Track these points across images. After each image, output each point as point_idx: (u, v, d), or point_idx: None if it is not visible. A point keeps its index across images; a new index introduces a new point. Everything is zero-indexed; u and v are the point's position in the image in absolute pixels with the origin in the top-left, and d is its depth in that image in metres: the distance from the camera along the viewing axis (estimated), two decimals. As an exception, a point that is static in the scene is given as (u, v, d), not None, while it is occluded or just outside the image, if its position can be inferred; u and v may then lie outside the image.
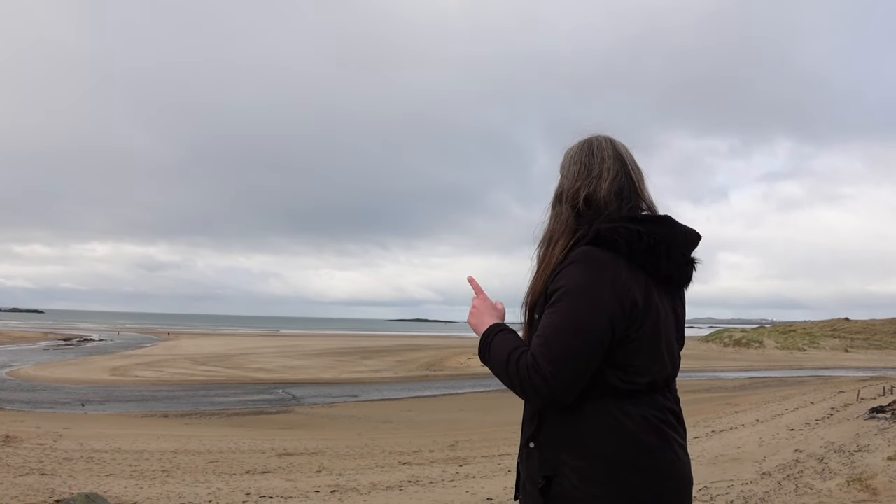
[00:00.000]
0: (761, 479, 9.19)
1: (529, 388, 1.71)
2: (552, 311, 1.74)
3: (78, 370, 37.25)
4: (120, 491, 9.71)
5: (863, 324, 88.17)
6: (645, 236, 1.79)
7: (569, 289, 1.74)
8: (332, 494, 9.89)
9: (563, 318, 1.71)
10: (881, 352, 71.92)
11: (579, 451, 1.75)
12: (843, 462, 9.67)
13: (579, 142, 2.04)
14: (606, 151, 1.97)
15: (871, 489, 7.06)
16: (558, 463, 1.77)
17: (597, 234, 1.79)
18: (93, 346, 63.30)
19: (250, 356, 51.62)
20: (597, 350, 1.71)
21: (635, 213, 1.90)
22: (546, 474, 1.78)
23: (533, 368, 1.70)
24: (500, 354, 1.81)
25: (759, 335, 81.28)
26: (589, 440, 1.75)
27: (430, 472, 12.03)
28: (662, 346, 1.83)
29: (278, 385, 33.68)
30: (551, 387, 1.68)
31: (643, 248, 1.78)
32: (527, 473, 1.86)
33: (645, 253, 1.79)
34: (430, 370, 44.65)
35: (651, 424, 1.77)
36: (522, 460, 1.91)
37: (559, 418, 1.78)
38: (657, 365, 1.81)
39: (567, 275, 1.77)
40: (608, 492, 1.71)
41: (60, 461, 12.41)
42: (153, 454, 13.86)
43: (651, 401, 1.80)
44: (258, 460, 13.56)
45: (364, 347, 67.25)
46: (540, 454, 1.81)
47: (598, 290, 1.72)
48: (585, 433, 1.75)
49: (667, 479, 1.76)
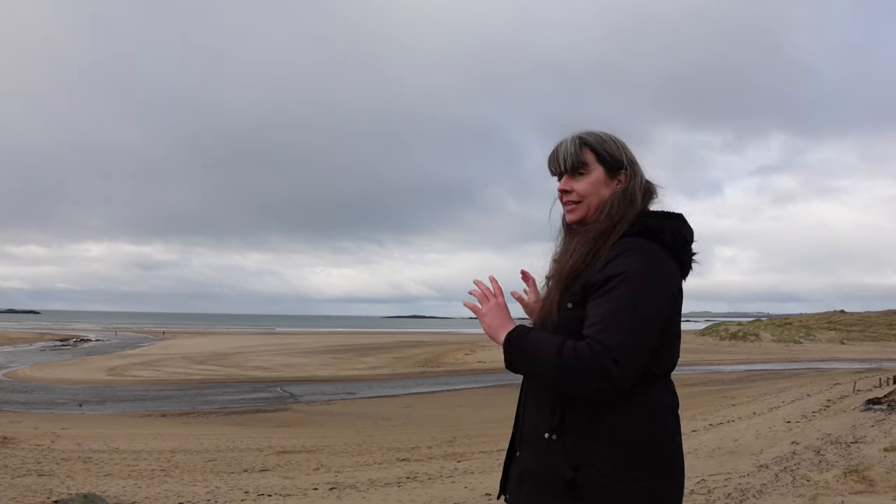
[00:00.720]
0: (758, 471, 9.22)
1: (596, 372, 1.66)
2: (611, 298, 1.73)
3: (75, 370, 37.19)
4: (118, 491, 9.71)
5: (858, 316, 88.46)
6: (683, 231, 1.89)
7: (629, 277, 1.74)
8: (331, 492, 9.90)
9: (626, 306, 1.72)
10: (877, 344, 72.15)
11: (608, 438, 1.76)
12: (840, 454, 9.71)
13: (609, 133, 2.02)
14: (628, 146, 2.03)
15: (868, 480, 7.08)
16: (585, 452, 1.76)
17: (646, 227, 1.84)
18: (90, 346, 63.17)
19: (247, 354, 51.59)
20: (655, 337, 1.75)
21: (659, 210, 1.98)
22: (574, 465, 1.76)
23: (603, 351, 1.66)
24: (544, 348, 1.76)
25: (756, 328, 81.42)
26: (618, 427, 1.76)
27: (429, 469, 12.04)
28: (680, 335, 1.94)
29: (276, 383, 33.65)
30: (622, 372, 1.66)
31: (681, 242, 1.87)
32: (544, 466, 1.83)
33: (682, 248, 1.88)
34: (428, 366, 44.68)
35: (671, 408, 1.86)
36: (533, 453, 1.88)
37: (584, 406, 1.77)
38: (678, 352, 1.90)
39: (623, 263, 1.77)
40: (638, 476, 1.75)
41: (58, 461, 12.40)
42: (151, 454, 13.85)
43: (668, 385, 1.89)
44: (256, 458, 13.56)
45: (361, 344, 67.25)
46: (563, 445, 1.79)
47: (655, 279, 1.78)
48: (615, 420, 1.76)
49: (681, 458, 1.88)
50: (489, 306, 1.96)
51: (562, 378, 1.72)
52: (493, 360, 45.09)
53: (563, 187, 2.01)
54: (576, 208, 1.99)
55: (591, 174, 1.96)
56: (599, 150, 1.97)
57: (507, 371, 1.88)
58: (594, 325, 1.71)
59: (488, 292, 1.99)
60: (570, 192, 1.99)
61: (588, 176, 1.96)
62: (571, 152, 1.97)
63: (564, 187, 2.00)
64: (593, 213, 1.97)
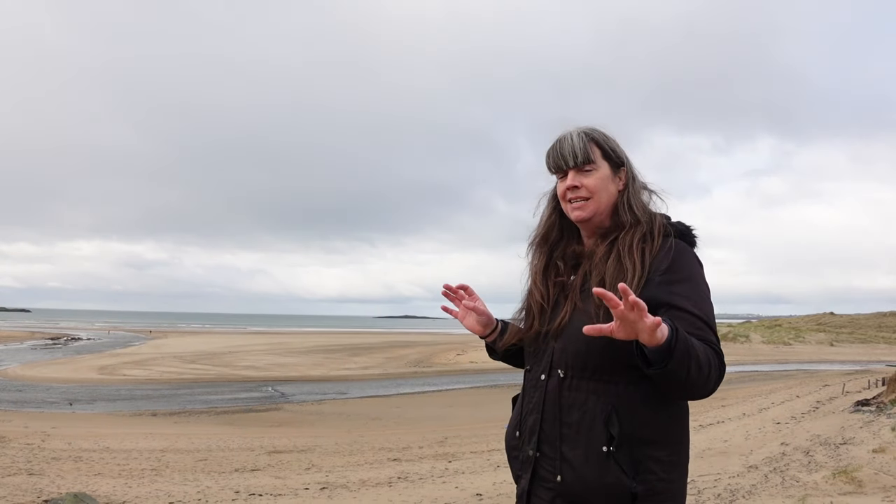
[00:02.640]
0: (748, 472, 9.27)
1: (719, 379, 1.68)
2: (699, 300, 1.75)
3: (66, 369, 37.01)
4: (108, 490, 9.68)
5: (848, 318, 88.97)
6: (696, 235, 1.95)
7: (697, 279, 1.80)
8: (322, 492, 9.90)
9: (709, 308, 1.76)
10: (866, 346, 72.52)
11: (659, 440, 1.75)
12: (829, 455, 9.76)
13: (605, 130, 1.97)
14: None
15: (857, 481, 7.13)
16: (643, 459, 1.72)
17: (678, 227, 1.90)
18: (80, 344, 62.85)
19: (239, 354, 51.45)
20: None
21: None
22: (634, 476, 1.70)
23: (721, 358, 1.69)
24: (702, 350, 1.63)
25: (745, 330, 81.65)
26: (670, 428, 1.79)
27: (420, 469, 12.05)
28: None
29: (267, 382, 33.58)
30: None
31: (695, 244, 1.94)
32: (603, 482, 1.70)
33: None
34: (419, 366, 44.65)
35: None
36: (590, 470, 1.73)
37: (636, 412, 1.73)
38: None
39: (687, 265, 1.80)
40: (681, 474, 1.80)
41: (48, 461, 12.35)
42: (142, 453, 13.81)
43: None
44: (247, 458, 13.53)
45: (353, 344, 67.15)
46: (623, 456, 1.71)
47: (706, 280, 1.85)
48: (667, 422, 1.78)
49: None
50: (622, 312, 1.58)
51: (705, 385, 1.63)
52: (485, 361, 44.95)
53: (572, 183, 1.90)
54: (585, 205, 1.90)
55: (598, 170, 1.90)
56: (605, 147, 1.92)
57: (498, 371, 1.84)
58: (700, 329, 1.69)
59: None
60: (580, 189, 1.89)
61: (596, 172, 1.89)
62: (580, 147, 1.89)
63: (574, 183, 1.89)
64: (603, 210, 1.91)
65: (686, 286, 1.73)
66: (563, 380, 1.81)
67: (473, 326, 2.12)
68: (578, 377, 1.78)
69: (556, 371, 1.83)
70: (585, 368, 1.77)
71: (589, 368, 1.76)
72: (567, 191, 1.92)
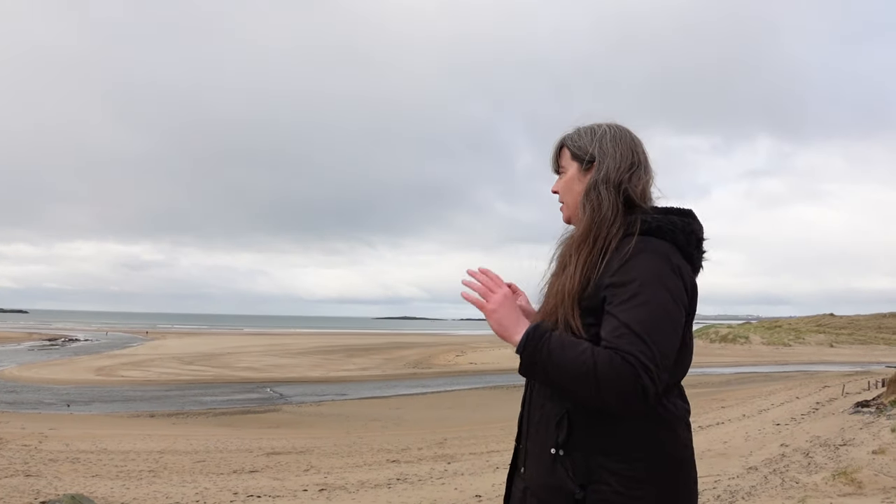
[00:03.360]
0: (748, 473, 9.26)
1: (633, 391, 1.52)
2: (633, 305, 1.59)
3: (63, 370, 37.01)
4: (106, 492, 9.66)
5: (847, 319, 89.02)
6: (695, 229, 1.77)
7: (646, 280, 1.62)
8: (321, 493, 9.88)
9: (650, 311, 1.59)
10: (866, 347, 72.62)
11: (619, 453, 1.64)
12: (829, 456, 9.75)
13: (612, 124, 1.89)
14: (639, 141, 1.88)
15: (857, 483, 7.12)
16: (595, 468, 1.64)
17: (656, 224, 1.71)
18: (78, 345, 62.89)
19: (237, 355, 51.45)
20: (679, 342, 1.65)
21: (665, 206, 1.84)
22: (582, 482, 1.64)
23: (641, 369, 1.52)
24: (573, 357, 1.59)
25: (746, 331, 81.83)
26: (630, 441, 1.65)
27: (419, 470, 12.03)
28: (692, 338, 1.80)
29: (266, 384, 33.58)
30: (657, 389, 1.54)
31: (694, 240, 1.76)
32: (549, 484, 1.70)
33: (694, 246, 1.76)
34: (418, 368, 44.66)
35: (685, 418, 1.75)
36: (537, 470, 1.75)
37: (593, 420, 1.66)
38: (691, 357, 1.79)
39: (639, 266, 1.64)
40: (653, 493, 1.64)
41: (46, 462, 12.32)
42: (140, 454, 13.79)
43: (681, 393, 1.79)
44: (246, 459, 13.51)
45: (351, 345, 67.20)
46: (572, 461, 1.66)
47: (672, 279, 1.64)
48: (627, 433, 1.65)
49: (693, 469, 1.74)
50: (496, 299, 1.76)
51: (591, 392, 1.57)
52: (484, 362, 45.13)
53: (553, 188, 1.95)
54: (563, 208, 1.92)
55: (567, 172, 1.89)
56: (571, 147, 1.88)
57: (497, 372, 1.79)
58: (622, 335, 1.56)
59: (491, 283, 1.79)
60: (556, 193, 1.93)
61: (565, 175, 1.90)
62: (553, 153, 1.94)
63: (553, 188, 1.94)
64: (573, 212, 1.87)
65: (625, 289, 1.62)
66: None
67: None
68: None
69: None
70: None
71: None
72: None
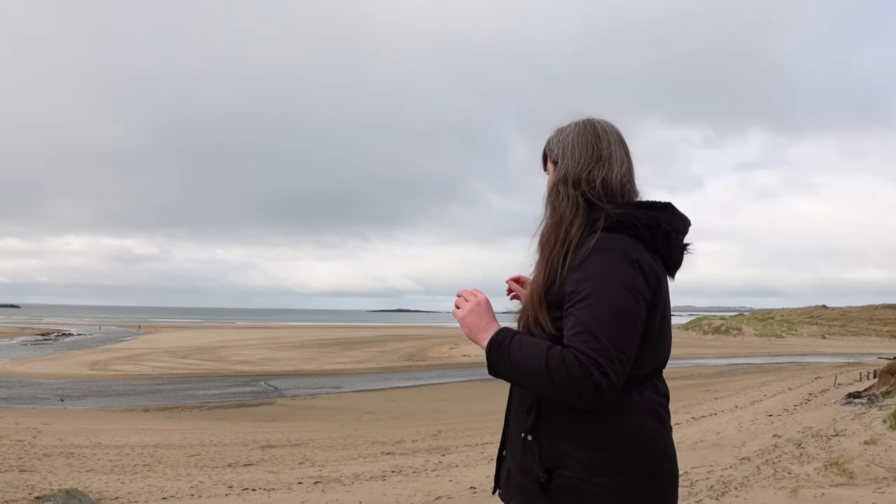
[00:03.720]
0: (740, 463, 9.31)
1: (587, 387, 1.57)
2: (589, 303, 1.64)
3: (56, 365, 36.91)
4: (101, 486, 9.65)
5: (840, 311, 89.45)
6: (663, 223, 1.77)
7: (601, 276, 1.66)
8: (315, 486, 9.89)
9: (604, 308, 1.62)
10: (858, 338, 73.01)
11: (583, 441, 1.70)
12: (821, 447, 9.81)
13: (580, 122, 1.93)
14: (612, 135, 1.90)
15: (849, 473, 7.16)
16: (560, 454, 1.71)
17: (617, 219, 1.73)
18: (71, 340, 62.70)
19: (231, 349, 51.39)
20: (638, 340, 1.67)
21: (640, 200, 1.86)
22: (548, 467, 1.71)
23: (591, 365, 1.57)
24: (530, 357, 1.66)
25: (738, 322, 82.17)
26: (594, 430, 1.70)
27: (413, 462, 12.06)
28: (668, 332, 1.82)
29: (260, 377, 33.58)
30: (612, 383, 1.58)
31: (661, 234, 1.76)
32: (521, 467, 1.78)
33: (663, 239, 1.77)
34: (413, 360, 44.71)
35: (654, 410, 1.76)
36: (513, 453, 1.84)
37: (560, 409, 1.72)
38: (664, 350, 1.81)
39: (595, 263, 1.68)
40: (614, 481, 1.68)
41: (40, 457, 12.31)
42: (134, 449, 13.78)
43: (652, 385, 1.79)
44: (240, 453, 13.52)
45: (346, 338, 67.18)
46: (539, 446, 1.74)
47: (630, 275, 1.66)
48: (590, 423, 1.70)
49: (665, 462, 1.77)
50: (469, 306, 1.85)
51: (550, 390, 1.63)
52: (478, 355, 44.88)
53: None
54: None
55: (549, 173, 1.96)
56: (546, 149, 1.97)
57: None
58: (578, 333, 1.62)
59: (467, 293, 1.90)
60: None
61: (548, 176, 1.96)
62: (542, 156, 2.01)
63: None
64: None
65: (580, 287, 1.67)
66: None
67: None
68: None
69: None
70: None
71: None
72: None
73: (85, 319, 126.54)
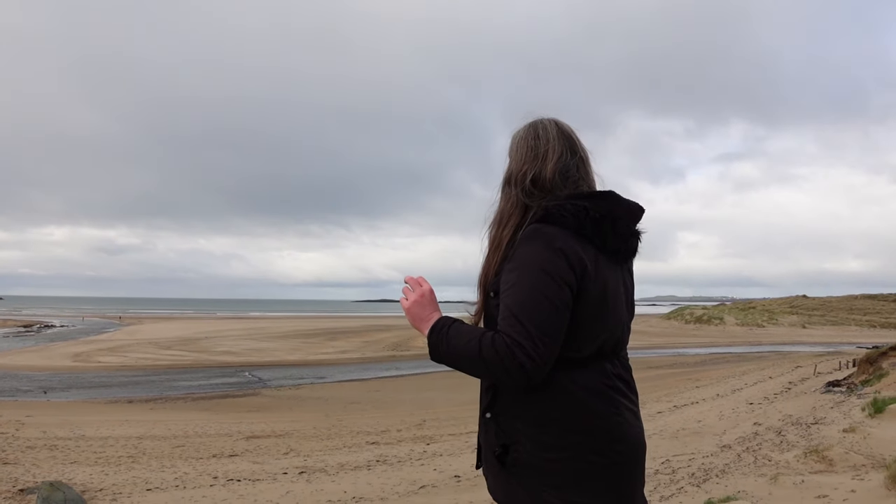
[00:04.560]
0: (721, 451, 9.42)
1: (514, 367, 1.71)
2: (513, 290, 1.77)
3: (39, 357, 36.62)
4: (85, 478, 9.63)
5: (820, 301, 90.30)
6: (591, 211, 1.86)
7: (525, 264, 1.79)
8: (300, 476, 9.92)
9: (527, 294, 1.75)
10: (837, 328, 73.77)
11: (533, 419, 1.82)
12: (801, 434, 9.93)
13: (525, 125, 2.07)
14: (551, 132, 2.02)
15: (828, 460, 7.27)
16: (514, 431, 1.84)
17: (545, 211, 1.85)
18: (54, 332, 62.18)
19: (215, 339, 51.18)
20: (565, 318, 1.76)
21: (581, 191, 1.96)
22: (503, 443, 1.85)
23: (515, 347, 1.71)
24: (465, 342, 1.81)
25: (720, 312, 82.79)
26: (542, 409, 1.82)
27: (398, 452, 12.10)
28: (610, 316, 1.89)
29: (244, 368, 33.49)
30: (536, 363, 1.71)
31: (589, 222, 1.85)
32: (487, 443, 1.93)
33: (592, 227, 1.85)
34: (397, 350, 44.73)
35: (599, 391, 1.84)
36: (480, 431, 1.98)
37: (512, 389, 1.84)
38: (605, 333, 1.87)
39: (521, 252, 1.81)
40: (561, 456, 1.80)
41: (23, 450, 12.24)
42: (118, 440, 13.73)
43: (599, 368, 1.87)
44: (225, 444, 13.51)
45: (330, 329, 67.07)
46: (496, 424, 1.89)
47: (553, 261, 1.77)
48: (538, 402, 1.82)
49: (616, 441, 1.84)
50: (413, 297, 1.98)
51: (484, 372, 1.80)
52: (463, 345, 45.21)
53: None
54: None
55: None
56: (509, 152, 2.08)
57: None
58: (504, 318, 1.76)
59: (413, 281, 2.02)
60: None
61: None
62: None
63: None
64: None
65: (508, 275, 1.82)
66: None
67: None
68: None
69: None
70: None
71: None
72: None
73: (65, 311, 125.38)
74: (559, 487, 1.80)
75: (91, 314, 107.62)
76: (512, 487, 1.87)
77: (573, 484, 1.80)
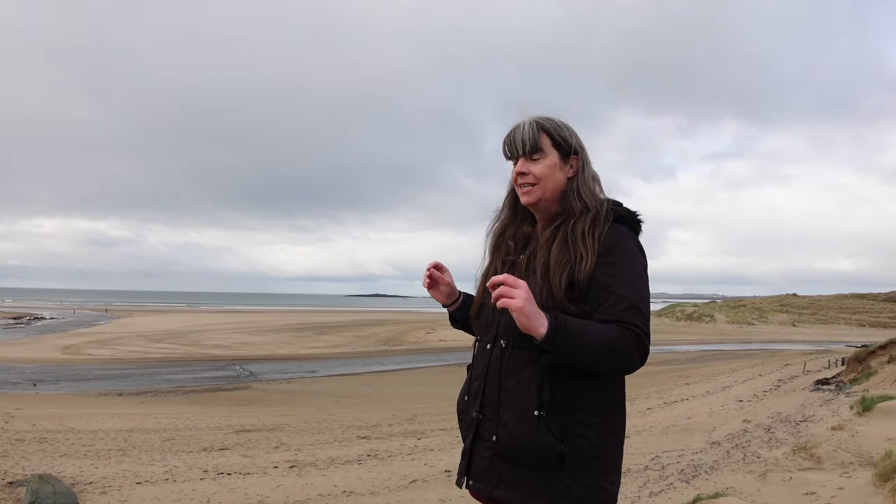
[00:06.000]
0: (711, 448, 9.47)
1: (640, 357, 1.83)
2: (630, 283, 1.88)
3: (29, 349, 36.47)
4: (75, 471, 9.59)
5: (810, 299, 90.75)
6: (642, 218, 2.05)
7: (634, 260, 1.93)
8: (291, 470, 9.91)
9: (643, 288, 1.91)
10: (827, 326, 74.16)
11: (590, 408, 1.89)
12: (789, 432, 10.00)
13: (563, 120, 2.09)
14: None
15: (816, 457, 7.32)
16: (572, 424, 1.87)
17: (622, 215, 2.00)
18: (44, 324, 61.94)
19: (206, 333, 51.08)
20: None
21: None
22: (562, 438, 1.85)
23: (645, 337, 1.84)
24: (597, 336, 1.79)
25: (711, 310, 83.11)
26: (597, 396, 1.90)
27: (389, 446, 12.11)
28: None
29: (235, 361, 33.42)
30: (648, 352, 1.86)
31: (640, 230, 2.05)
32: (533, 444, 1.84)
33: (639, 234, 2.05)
34: (389, 345, 44.76)
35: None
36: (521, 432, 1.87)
37: (570, 381, 1.87)
38: None
39: (626, 248, 1.93)
40: (611, 440, 1.92)
41: (12, 442, 12.19)
42: (108, 433, 13.69)
43: None
44: (215, 437, 13.49)
45: (322, 323, 67.04)
46: (553, 420, 1.85)
47: (643, 258, 1.98)
48: (597, 391, 1.90)
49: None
50: (524, 294, 1.78)
51: (611, 365, 1.84)
52: (454, 339, 45.32)
53: (520, 169, 2.05)
54: (532, 190, 2.04)
55: (546, 158, 2.03)
56: (555, 136, 2.04)
57: (468, 349, 1.93)
58: (626, 309, 1.83)
59: (511, 279, 1.81)
60: (527, 175, 2.04)
61: (544, 160, 2.03)
62: (529, 136, 2.03)
63: (522, 169, 2.04)
64: (549, 196, 2.04)
65: (618, 268, 1.89)
66: (504, 349, 1.98)
67: (437, 296, 2.36)
68: (518, 347, 1.94)
69: (500, 341, 2.00)
70: (524, 340, 1.89)
71: (527, 340, 1.87)
72: (517, 176, 2.08)
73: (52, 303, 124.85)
74: (604, 472, 1.89)
75: (82, 307, 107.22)
76: (561, 487, 1.85)
77: (613, 467, 1.93)
